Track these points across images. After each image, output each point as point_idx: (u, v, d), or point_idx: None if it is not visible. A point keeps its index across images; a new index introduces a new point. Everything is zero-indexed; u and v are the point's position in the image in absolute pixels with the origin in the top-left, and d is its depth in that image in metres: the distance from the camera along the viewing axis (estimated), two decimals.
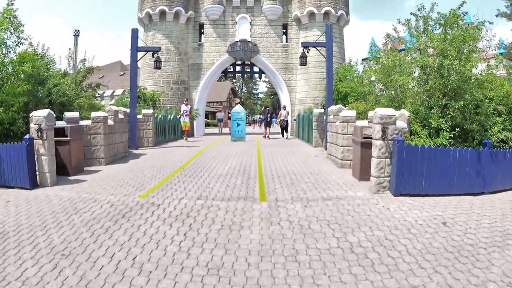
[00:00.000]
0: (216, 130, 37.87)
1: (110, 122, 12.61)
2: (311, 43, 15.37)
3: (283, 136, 23.53)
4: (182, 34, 26.92)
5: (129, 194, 7.60)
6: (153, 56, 16.82)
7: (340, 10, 26.80)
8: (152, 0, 26.31)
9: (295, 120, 26.09)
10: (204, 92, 27.38)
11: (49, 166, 8.48)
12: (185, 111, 19.71)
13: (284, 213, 6.40)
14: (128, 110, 16.09)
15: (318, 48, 15.71)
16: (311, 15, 26.55)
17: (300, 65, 16.00)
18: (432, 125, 9.83)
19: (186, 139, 20.53)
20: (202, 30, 27.69)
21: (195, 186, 8.24)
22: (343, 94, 23.49)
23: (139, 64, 22.06)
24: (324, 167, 11.03)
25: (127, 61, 24.06)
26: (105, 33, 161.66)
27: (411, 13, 11.78)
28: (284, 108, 24.02)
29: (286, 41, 27.80)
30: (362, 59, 49.60)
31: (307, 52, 15.65)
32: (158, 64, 17.30)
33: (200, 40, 27.61)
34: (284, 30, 28.08)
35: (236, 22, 27.33)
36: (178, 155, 13.77)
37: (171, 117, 21.57)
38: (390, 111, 8.18)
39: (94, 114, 11.94)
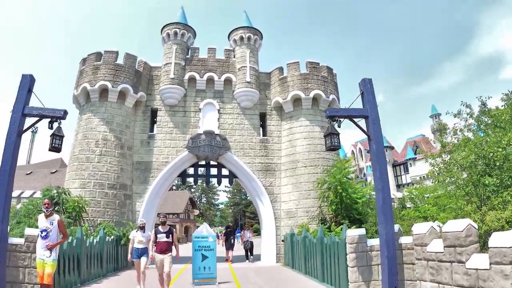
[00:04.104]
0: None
1: None
2: (344, 110, 8.51)
3: (247, 258, 20.52)
4: (128, 121, 19.90)
5: None
6: (50, 127, 8.99)
7: (331, 94, 21.09)
8: (92, 73, 19.64)
9: (282, 241, 18.49)
10: (154, 201, 19.50)
11: None
12: (44, 232, 7.59)
13: None
14: None
15: (355, 119, 8.87)
16: (296, 101, 20.63)
17: (327, 149, 8.99)
18: None
19: None
20: (155, 119, 20.89)
21: None
22: (349, 202, 16.80)
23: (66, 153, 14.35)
24: None
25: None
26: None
27: None
28: (248, 228, 22.50)
29: (265, 135, 21.32)
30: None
31: (339, 126, 8.68)
32: (56, 142, 9.02)
33: (151, 131, 20.60)
34: (262, 122, 21.82)
35: (200, 109, 20.85)
36: None
37: (95, 241, 13.52)
38: None
39: None
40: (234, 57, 22.16)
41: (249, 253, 20.74)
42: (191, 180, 22.50)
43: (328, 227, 15.67)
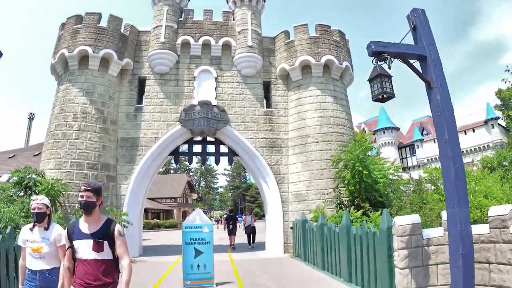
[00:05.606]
0: (169, 239, 27.14)
1: None
2: (394, 45, 5.88)
3: (249, 244, 19.61)
4: (111, 92, 17.18)
5: None
6: None
7: (344, 61, 18.44)
8: (71, 37, 16.95)
9: (291, 228, 16.01)
10: (142, 184, 16.87)
11: None
12: None
13: None
14: None
15: (409, 60, 6.17)
16: (305, 68, 17.94)
17: (374, 99, 6.29)
18: None
19: None
20: (144, 89, 18.13)
21: None
22: (370, 181, 14.42)
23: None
24: None
25: None
26: None
27: None
28: (250, 213, 22.24)
29: (269, 107, 18.62)
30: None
31: (389, 67, 5.95)
32: None
33: (139, 103, 17.86)
34: (266, 93, 19.09)
35: (194, 78, 18.11)
36: None
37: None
38: None
39: None
40: (233, 20, 19.38)
41: (251, 238, 19.77)
42: (187, 163, 19.97)
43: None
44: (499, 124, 47.28)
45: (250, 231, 19.78)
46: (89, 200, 3.61)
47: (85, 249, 3.55)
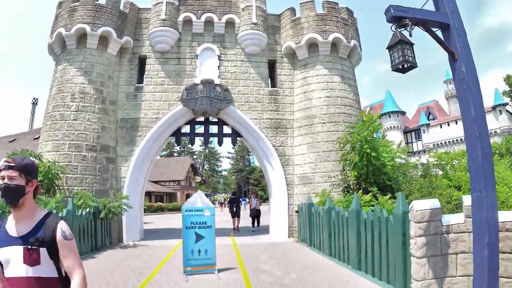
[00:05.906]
0: (172, 222, 26.92)
1: None
2: (416, 10, 5.25)
3: (253, 226, 19.32)
4: (111, 71, 16.57)
5: None
6: None
7: (352, 39, 17.73)
8: (69, 16, 16.32)
9: (296, 212, 15.55)
10: (143, 165, 16.37)
11: None
12: None
13: None
14: None
15: (431, 27, 5.54)
16: (312, 46, 17.22)
17: (394, 68, 5.66)
18: None
19: None
20: (144, 68, 17.48)
21: None
22: (379, 164, 13.86)
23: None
24: None
25: None
26: None
27: None
28: (255, 196, 21.97)
29: (274, 86, 17.95)
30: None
31: (410, 34, 5.30)
32: None
33: (139, 82, 17.23)
34: (271, 72, 18.40)
35: (196, 56, 17.43)
36: None
37: (60, 215, 10.55)
38: None
39: None
40: None
41: (255, 221, 19.51)
42: (190, 146, 19.51)
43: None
44: (507, 111, 46.47)
45: (255, 214, 19.60)
46: (12, 184, 2.18)
47: (13, 262, 2.18)
